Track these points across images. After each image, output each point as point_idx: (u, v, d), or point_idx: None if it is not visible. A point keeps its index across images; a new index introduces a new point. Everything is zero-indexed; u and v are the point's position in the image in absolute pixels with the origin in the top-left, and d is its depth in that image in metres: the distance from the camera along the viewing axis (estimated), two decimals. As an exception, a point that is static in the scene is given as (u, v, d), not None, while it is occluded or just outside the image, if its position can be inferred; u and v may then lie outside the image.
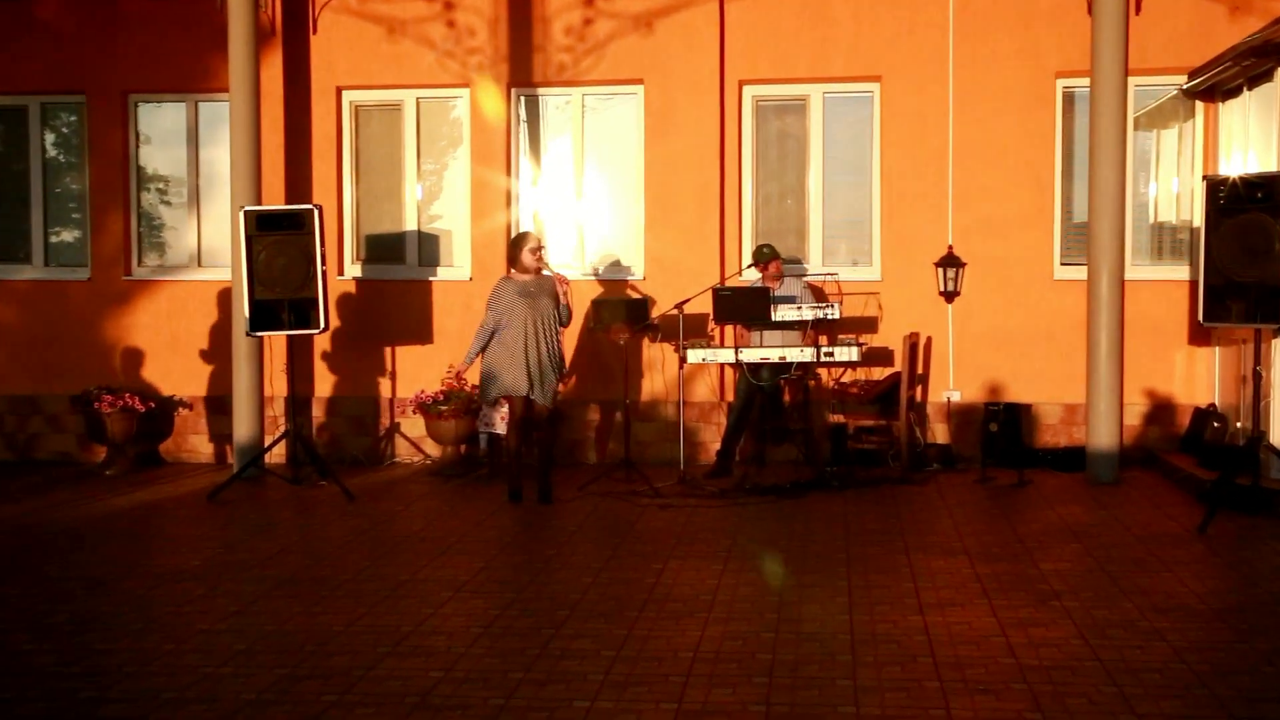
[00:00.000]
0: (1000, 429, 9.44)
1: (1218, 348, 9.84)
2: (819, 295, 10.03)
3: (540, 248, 8.76)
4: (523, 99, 10.77)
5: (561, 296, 8.63)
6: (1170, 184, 10.39)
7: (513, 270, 8.86)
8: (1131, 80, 9.70)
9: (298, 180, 10.77)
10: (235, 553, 7.29)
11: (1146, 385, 10.14)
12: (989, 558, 6.90)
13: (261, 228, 9.16)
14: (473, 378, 9.32)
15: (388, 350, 10.81)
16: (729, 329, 10.22)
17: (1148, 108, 10.32)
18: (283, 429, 9.87)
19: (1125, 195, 9.38)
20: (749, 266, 9.96)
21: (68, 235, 11.29)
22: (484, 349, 8.74)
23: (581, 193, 10.79)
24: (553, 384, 8.62)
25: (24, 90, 11.06)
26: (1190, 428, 9.87)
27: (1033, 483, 9.26)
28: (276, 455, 10.37)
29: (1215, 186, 7.83)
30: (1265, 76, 8.82)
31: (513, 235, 10.08)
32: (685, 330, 9.39)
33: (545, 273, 8.74)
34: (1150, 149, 10.43)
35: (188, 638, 5.52)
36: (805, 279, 10.13)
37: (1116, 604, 5.90)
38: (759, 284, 9.82)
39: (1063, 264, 10.29)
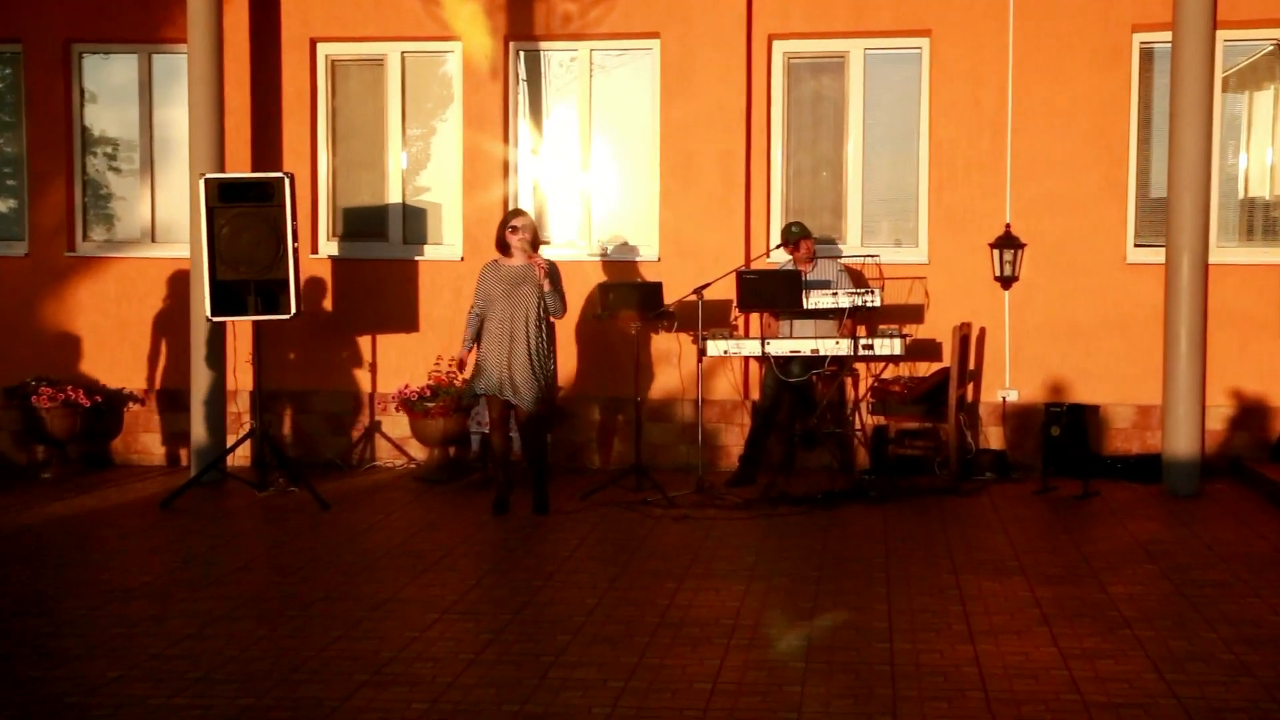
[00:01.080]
0: (1063, 433, 9.42)
1: (1314, 343, 9.80)
2: (857, 280, 10.01)
3: (519, 227, 8.71)
4: (522, 54, 10.76)
5: (544, 284, 8.59)
6: (1263, 154, 10.33)
7: (499, 254, 8.85)
8: (1220, 34, 9.65)
9: (266, 145, 10.77)
10: (191, 568, 7.28)
11: (1233, 385, 10.10)
12: (1049, 579, 6.88)
13: (224, 199, 9.16)
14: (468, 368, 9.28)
15: (367, 339, 10.81)
16: (754, 318, 10.20)
17: (1238, 66, 10.27)
18: (247, 428, 9.88)
19: (1211, 167, 9.32)
20: (777, 247, 9.95)
21: (1, 205, 11.30)
22: (478, 337, 8.76)
23: (588, 162, 10.78)
24: (533, 387, 8.58)
25: (-47, 39, 11.07)
26: (1282, 434, 9.85)
27: (1100, 495, 9.23)
28: (240, 458, 10.39)
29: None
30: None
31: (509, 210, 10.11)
32: (705, 319, 9.37)
33: (526, 257, 8.67)
34: (1240, 114, 10.37)
35: (137, 664, 5.51)
36: (842, 261, 10.10)
37: (1196, 634, 5.87)
38: (789, 267, 9.80)
39: (1137, 245, 10.26)
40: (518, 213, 8.96)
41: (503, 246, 8.79)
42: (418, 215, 10.95)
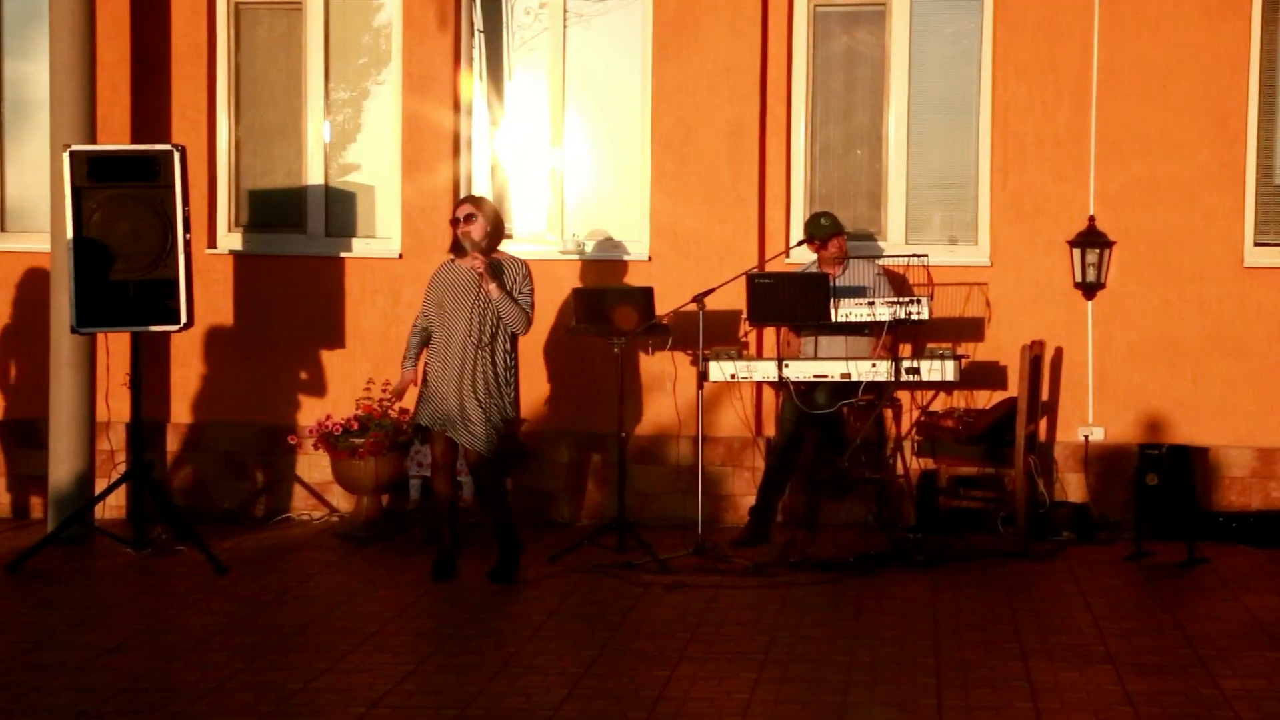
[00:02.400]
0: (1162, 482, 9.40)
1: None
2: (900, 286, 9.97)
3: (464, 218, 8.68)
4: (479, 0, 10.76)
5: (489, 288, 8.51)
6: None
7: (453, 253, 8.84)
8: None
9: (149, 110, 10.73)
10: (48, 649, 7.20)
11: (1383, 422, 10.14)
12: (1144, 669, 6.85)
13: (96, 177, 9.13)
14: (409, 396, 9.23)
15: (279, 357, 10.78)
16: (769, 333, 10.18)
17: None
18: (123, 469, 9.80)
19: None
20: (800, 244, 9.92)
21: None
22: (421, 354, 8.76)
23: (561, 136, 10.76)
24: (484, 423, 8.55)
25: None
26: None
27: (1210, 561, 9.19)
28: (112, 507, 10.31)
29: None
30: None
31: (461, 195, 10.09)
32: (707, 334, 9.33)
33: (467, 247, 8.62)
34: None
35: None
36: (880, 262, 10.07)
37: (1332, 738, 5.82)
38: (813, 269, 9.76)
39: (1258, 244, 10.27)
40: (465, 200, 8.94)
41: (454, 243, 8.75)
42: (344, 201, 10.93)
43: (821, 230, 9.74)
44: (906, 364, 9.06)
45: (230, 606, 8.08)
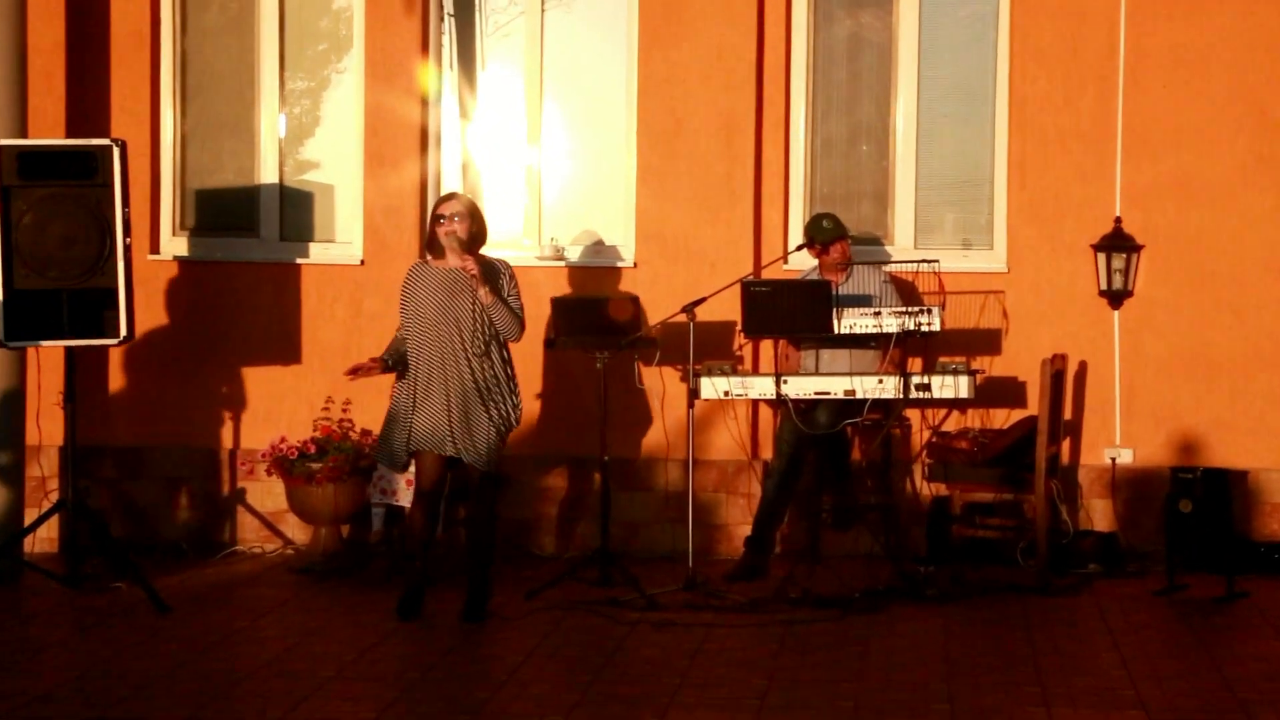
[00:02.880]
0: (1197, 509, 9.37)
1: None
2: (908, 295, 9.98)
3: (448, 216, 8.63)
4: (448, -19, 10.81)
5: (481, 294, 8.45)
6: None
7: (431, 255, 8.80)
8: None
9: (86, 101, 10.72)
10: (-28, 694, 7.15)
11: None
12: (1179, 715, 6.83)
13: (27, 175, 9.11)
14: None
15: (228, 374, 10.76)
16: (766, 346, 10.18)
17: None
18: (55, 498, 9.75)
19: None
20: (799, 248, 9.94)
21: None
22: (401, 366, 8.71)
23: (539, 131, 10.79)
24: (489, 434, 8.50)
25: None
26: None
27: (1251, 596, 9.19)
28: (43, 540, 10.26)
29: None
30: None
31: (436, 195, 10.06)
32: (698, 347, 9.31)
33: (454, 249, 8.57)
34: None
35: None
36: (888, 269, 10.09)
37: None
38: (814, 275, 9.78)
39: (1303, 248, 10.30)
40: (450, 197, 8.89)
41: (434, 245, 8.68)
42: (301, 202, 10.94)
43: (823, 233, 9.74)
44: (916, 380, 9.06)
45: (173, 649, 8.02)
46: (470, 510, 8.85)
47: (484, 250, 9.94)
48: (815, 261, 9.88)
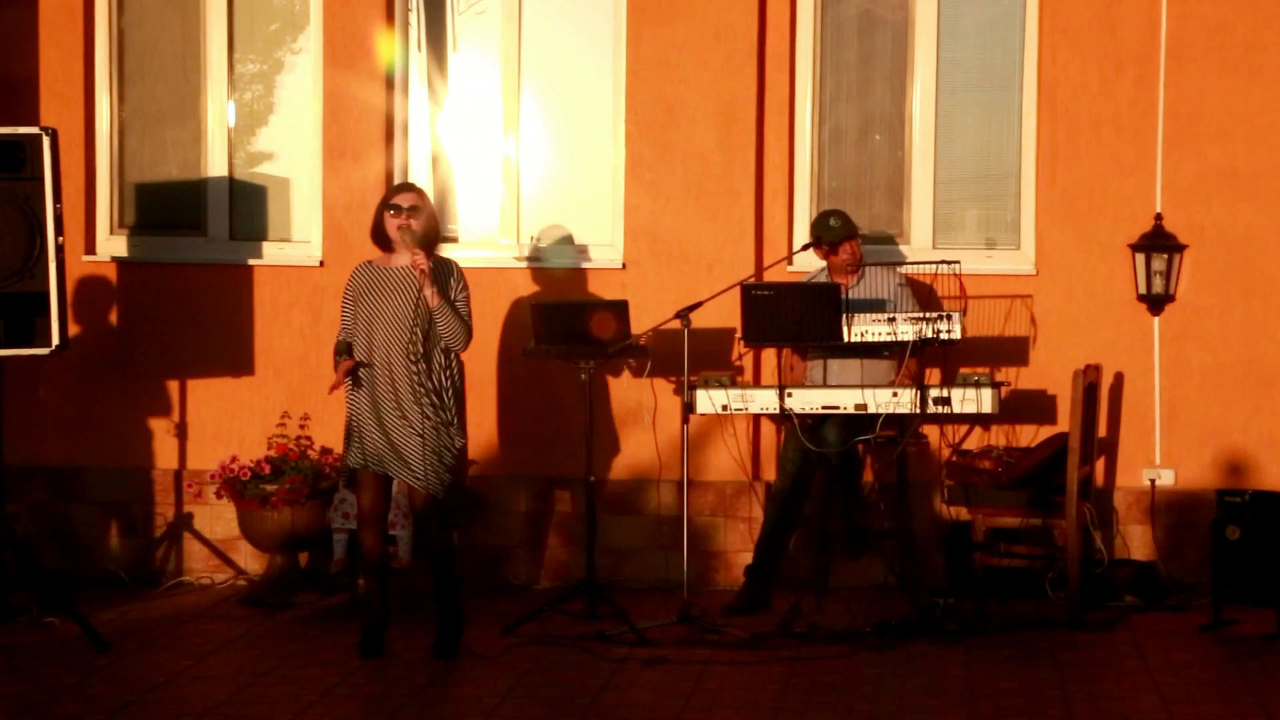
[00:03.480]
0: (1245, 536, 9.35)
1: None
2: (926, 299, 10.00)
3: (405, 208, 8.64)
4: (415, -48, 10.82)
5: (428, 295, 8.47)
6: None
7: (385, 254, 8.84)
8: None
9: (12, 86, 10.72)
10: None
11: None
12: (1227, 760, 6.82)
13: (-53, 167, 9.11)
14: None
15: (172, 387, 10.78)
16: (769, 355, 10.18)
17: None
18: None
19: None
20: (805, 248, 9.96)
21: None
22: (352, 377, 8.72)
23: (517, 119, 10.81)
24: (425, 456, 8.52)
25: None
26: None
27: (1305, 631, 9.19)
28: (-32, 571, 10.24)
29: None
30: None
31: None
32: (694, 357, 9.35)
33: (407, 243, 8.60)
34: None
35: None
36: (903, 270, 10.10)
37: None
38: (822, 278, 9.82)
39: (1365, 249, 10.34)
40: (405, 188, 8.94)
41: (381, 237, 8.70)
42: (252, 197, 10.97)
43: (831, 232, 9.75)
44: (935, 393, 9.10)
45: (113, 691, 8.01)
46: (423, 540, 8.89)
47: (459, 250, 10.07)
48: (823, 263, 9.89)
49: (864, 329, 9.29)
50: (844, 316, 9.21)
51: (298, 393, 10.45)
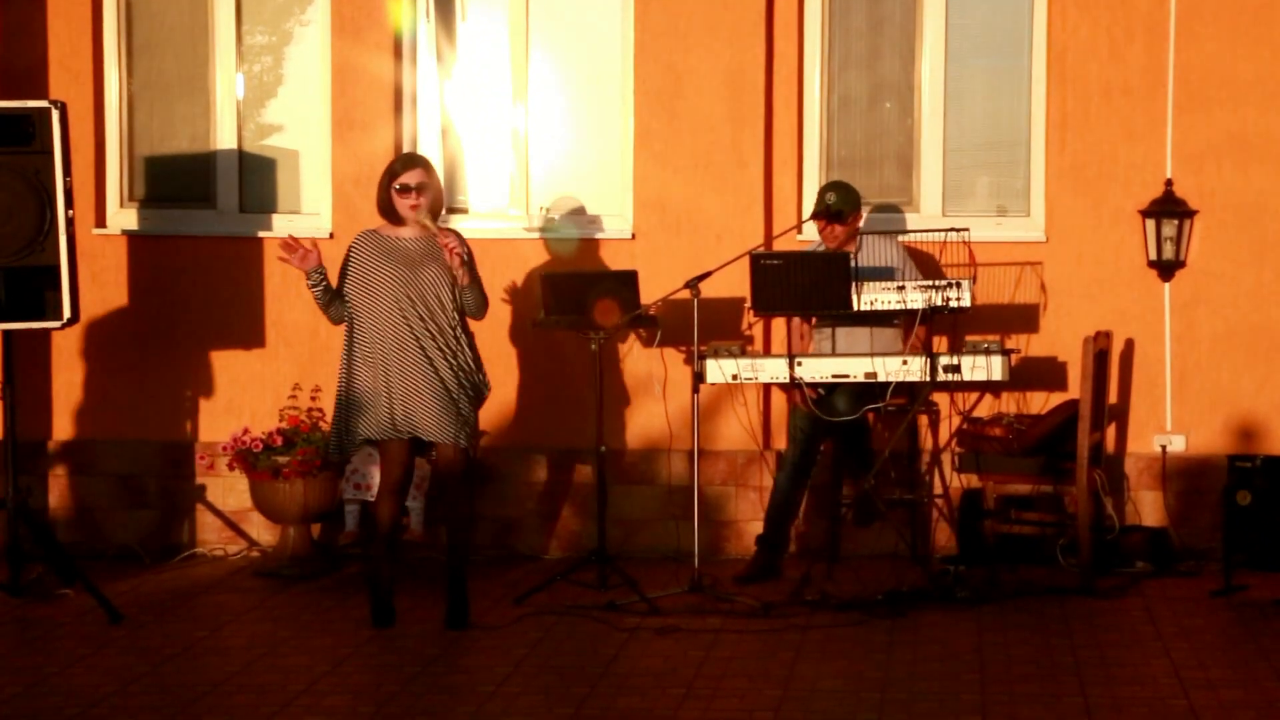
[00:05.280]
0: (1256, 501, 9.36)
1: None
2: (928, 268, 10.04)
3: (414, 187, 8.63)
4: (422, -78, 10.81)
5: (460, 275, 8.52)
6: None
7: (387, 223, 8.83)
8: None
9: (21, 59, 10.73)
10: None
11: None
12: (1238, 727, 6.85)
13: (-46, 141, 9.13)
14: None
15: (184, 359, 10.80)
16: (778, 325, 10.22)
17: None
18: (-6, 498, 9.79)
19: None
20: (810, 219, 9.90)
21: None
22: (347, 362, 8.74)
23: (525, 89, 10.79)
24: (460, 415, 8.57)
25: None
26: None
27: (1315, 596, 9.22)
28: (-18, 544, 10.28)
29: None
30: None
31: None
32: (704, 327, 9.34)
33: (421, 229, 8.63)
34: None
35: None
36: (909, 239, 10.13)
37: None
38: (821, 247, 9.80)
39: (1374, 212, 10.33)
40: (412, 159, 8.92)
41: (388, 211, 8.73)
42: (262, 169, 10.96)
43: (833, 207, 9.65)
44: (945, 361, 9.09)
45: (127, 662, 8.04)
46: (448, 503, 8.90)
47: (468, 221, 10.09)
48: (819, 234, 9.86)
49: (874, 297, 9.28)
50: (854, 285, 9.23)
51: (309, 365, 10.46)
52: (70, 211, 9.14)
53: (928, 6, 10.50)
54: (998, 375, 9.04)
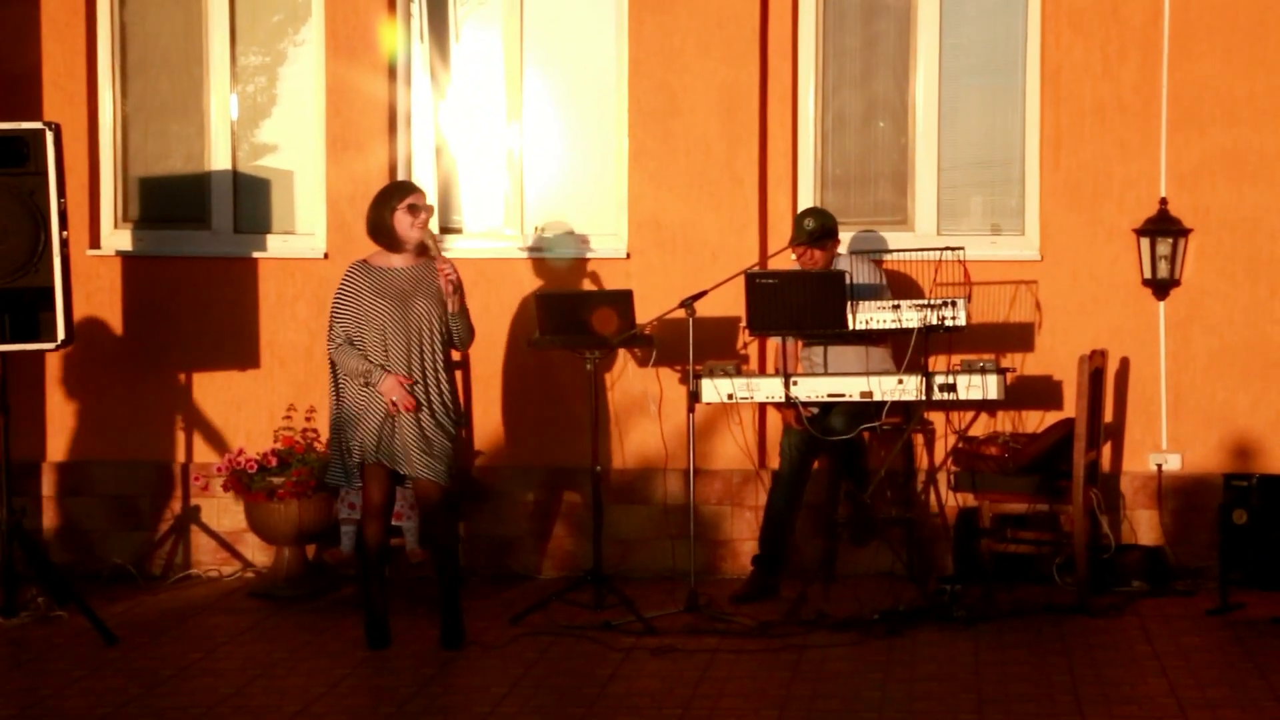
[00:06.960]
0: (1253, 520, 9.36)
1: None
2: (903, 288, 10.01)
3: (422, 207, 8.68)
4: (417, -58, 10.82)
5: (450, 302, 8.57)
6: None
7: (378, 251, 8.83)
8: None
9: (15, 80, 10.72)
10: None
11: None
12: (1235, 746, 6.85)
13: (-51, 163, 9.11)
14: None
15: (178, 380, 10.79)
16: (773, 345, 10.22)
17: None
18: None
19: None
20: (789, 246, 9.89)
21: None
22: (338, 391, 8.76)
23: (520, 108, 10.80)
24: (436, 452, 8.58)
25: None
26: None
27: (1312, 615, 9.21)
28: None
29: None
30: None
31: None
32: (699, 346, 9.34)
33: (417, 255, 8.66)
34: None
35: None
36: (897, 258, 10.05)
37: None
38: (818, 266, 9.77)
39: (1370, 232, 10.32)
40: (413, 186, 8.96)
41: (386, 236, 8.70)
42: (257, 190, 10.96)
43: (804, 233, 9.66)
44: (940, 380, 9.08)
45: (122, 684, 8.04)
46: (433, 529, 8.92)
47: (462, 242, 10.09)
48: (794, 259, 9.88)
49: (868, 316, 9.26)
50: (850, 305, 9.22)
51: (303, 385, 10.46)
52: (65, 233, 9.14)
53: (922, 25, 10.51)
54: (993, 394, 9.03)
